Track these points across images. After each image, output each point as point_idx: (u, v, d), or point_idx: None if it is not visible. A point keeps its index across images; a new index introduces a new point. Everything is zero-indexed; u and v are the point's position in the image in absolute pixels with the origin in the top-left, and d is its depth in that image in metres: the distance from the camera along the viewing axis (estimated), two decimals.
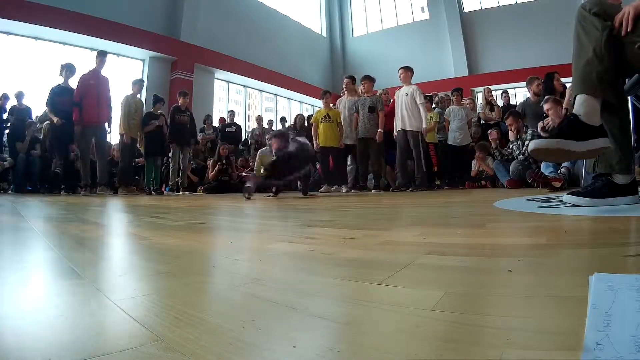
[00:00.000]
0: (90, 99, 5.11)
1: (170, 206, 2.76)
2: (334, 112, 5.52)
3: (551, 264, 0.61)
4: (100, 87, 5.25)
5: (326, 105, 5.54)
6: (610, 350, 0.28)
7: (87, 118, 5.11)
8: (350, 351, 0.32)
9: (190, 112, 6.24)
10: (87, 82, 5.15)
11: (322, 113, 5.49)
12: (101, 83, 5.29)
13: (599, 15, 1.31)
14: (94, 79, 5.21)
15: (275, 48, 12.21)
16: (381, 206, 2.38)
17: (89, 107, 5.09)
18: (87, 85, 5.13)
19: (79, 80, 5.19)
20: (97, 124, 5.27)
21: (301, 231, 1.22)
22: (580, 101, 1.32)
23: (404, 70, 5.10)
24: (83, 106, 5.07)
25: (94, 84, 5.17)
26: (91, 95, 5.12)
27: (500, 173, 4.73)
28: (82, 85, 5.14)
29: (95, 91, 5.17)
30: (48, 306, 0.48)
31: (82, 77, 5.21)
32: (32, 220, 1.70)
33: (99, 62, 5.32)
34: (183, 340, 0.35)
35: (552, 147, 1.27)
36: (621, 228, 0.98)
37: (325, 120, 5.41)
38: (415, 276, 0.57)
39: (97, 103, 5.15)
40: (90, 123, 5.15)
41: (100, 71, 5.33)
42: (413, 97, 4.96)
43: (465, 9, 12.43)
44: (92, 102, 5.11)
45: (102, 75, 5.35)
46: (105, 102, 5.30)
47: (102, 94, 5.27)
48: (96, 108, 5.15)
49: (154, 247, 0.95)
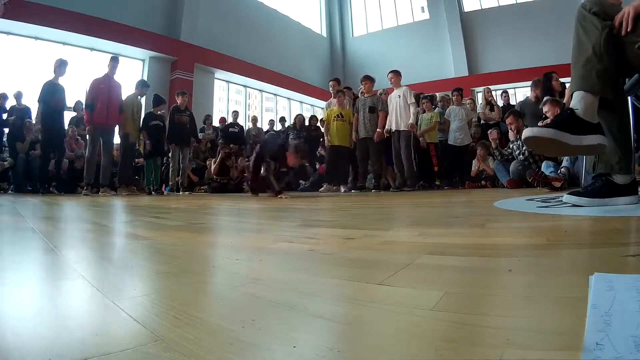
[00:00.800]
0: (101, 102, 5.18)
1: (170, 206, 2.76)
2: (347, 111, 5.49)
3: (551, 264, 0.61)
4: (111, 91, 5.31)
5: (339, 104, 5.49)
6: (610, 350, 0.28)
7: (96, 120, 5.18)
8: (350, 351, 0.32)
9: (190, 112, 6.25)
10: (98, 86, 5.23)
11: (335, 112, 5.46)
12: (112, 88, 5.35)
13: (598, 14, 1.32)
14: (104, 83, 5.28)
15: (275, 48, 12.21)
16: (381, 206, 2.38)
17: (99, 110, 5.18)
18: (98, 89, 5.21)
19: (91, 83, 5.28)
20: (106, 127, 5.32)
21: (301, 231, 1.22)
22: (578, 98, 1.32)
23: (393, 74, 5.18)
24: (94, 108, 5.15)
25: (104, 88, 5.24)
26: (102, 99, 5.20)
27: (500, 173, 4.73)
28: (93, 88, 5.23)
29: (106, 96, 5.24)
30: (48, 306, 0.48)
31: (94, 81, 5.29)
32: (32, 220, 1.70)
33: (111, 67, 5.39)
34: (183, 340, 0.35)
35: (546, 136, 1.25)
36: (621, 228, 0.98)
37: (338, 119, 5.39)
38: (415, 276, 0.57)
39: (107, 107, 5.22)
40: (99, 125, 5.21)
41: (113, 76, 5.40)
42: (405, 98, 5.01)
43: (465, 9, 12.43)
44: (102, 106, 5.19)
45: (114, 80, 5.42)
46: (114, 106, 5.35)
47: (113, 98, 5.33)
48: (105, 112, 5.21)
49: (154, 247, 0.95)
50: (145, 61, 9.37)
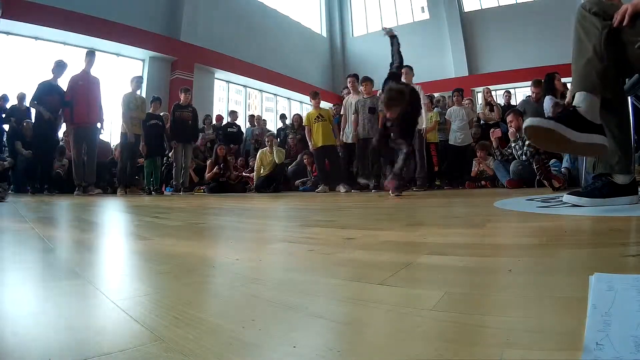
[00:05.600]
0: (80, 99, 5.07)
1: (170, 206, 2.76)
2: (326, 111, 5.58)
3: (551, 264, 0.61)
4: (89, 87, 5.19)
5: (316, 106, 5.57)
6: (610, 350, 0.28)
7: (77, 119, 5.08)
8: (350, 351, 0.32)
9: (193, 108, 6.15)
10: (77, 82, 5.12)
11: (314, 114, 5.51)
12: (91, 83, 5.23)
13: (598, 14, 1.31)
14: (83, 79, 5.17)
15: (275, 48, 12.20)
16: (381, 206, 2.38)
17: (79, 107, 5.06)
18: (77, 86, 5.09)
19: (69, 80, 5.16)
20: (88, 125, 5.23)
21: (301, 231, 1.22)
22: (581, 98, 1.32)
23: (407, 69, 5.05)
24: (73, 107, 5.04)
25: (83, 84, 5.13)
26: (81, 96, 5.08)
27: (500, 173, 4.73)
28: (72, 85, 5.11)
29: (85, 92, 5.12)
30: (48, 306, 0.48)
31: (72, 78, 5.18)
32: (32, 220, 1.70)
33: (88, 62, 5.26)
34: (183, 340, 0.35)
35: (548, 127, 1.24)
36: (621, 228, 0.98)
37: (318, 120, 5.42)
38: (415, 276, 0.57)
39: (86, 104, 5.11)
40: (80, 124, 5.12)
41: (90, 71, 5.27)
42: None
43: (465, 9, 12.41)
44: (81, 103, 5.07)
45: (92, 76, 5.29)
46: (95, 103, 5.23)
47: (92, 94, 5.21)
48: (86, 109, 5.10)
49: (154, 247, 0.95)
50: (145, 61, 9.36)
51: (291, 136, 7.27)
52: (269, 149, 6.41)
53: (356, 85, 5.64)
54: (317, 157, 5.59)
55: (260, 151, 6.57)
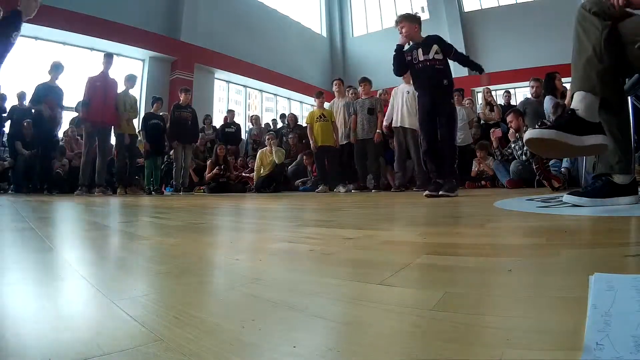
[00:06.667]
0: (96, 100, 5.16)
1: (170, 206, 2.76)
2: (328, 111, 5.58)
3: (551, 264, 0.61)
4: (106, 89, 5.29)
5: (320, 106, 5.59)
6: (610, 350, 0.28)
7: (92, 118, 5.16)
8: (350, 351, 0.32)
9: (193, 109, 6.19)
10: (94, 83, 5.20)
11: (317, 113, 5.54)
12: (108, 85, 5.32)
13: (598, 14, 1.32)
14: (100, 80, 5.25)
15: (275, 48, 12.20)
16: (381, 206, 2.38)
17: (95, 108, 5.15)
18: (94, 87, 5.19)
19: (87, 81, 5.26)
20: (102, 125, 5.30)
21: (301, 231, 1.22)
22: (579, 98, 1.32)
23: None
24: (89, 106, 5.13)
25: (100, 85, 5.22)
26: (97, 97, 5.17)
27: (500, 173, 4.73)
28: (89, 86, 5.20)
29: (102, 93, 5.21)
30: (48, 306, 0.48)
31: (90, 79, 5.26)
32: (32, 220, 1.70)
33: (106, 64, 5.35)
34: (183, 340, 0.35)
35: (548, 137, 1.24)
36: (621, 228, 0.98)
37: (320, 119, 5.44)
38: (415, 276, 0.57)
39: (102, 105, 5.20)
40: (95, 124, 5.19)
41: (108, 73, 5.36)
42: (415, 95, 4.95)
43: (465, 9, 12.41)
44: (97, 104, 5.16)
45: (110, 78, 5.39)
46: (111, 104, 5.32)
47: (109, 96, 5.30)
48: (101, 110, 5.19)
49: (154, 247, 0.95)
50: (145, 61, 9.37)
51: (291, 136, 7.27)
52: (268, 148, 6.41)
53: (342, 88, 5.71)
54: (317, 157, 5.61)
55: (260, 151, 6.57)
